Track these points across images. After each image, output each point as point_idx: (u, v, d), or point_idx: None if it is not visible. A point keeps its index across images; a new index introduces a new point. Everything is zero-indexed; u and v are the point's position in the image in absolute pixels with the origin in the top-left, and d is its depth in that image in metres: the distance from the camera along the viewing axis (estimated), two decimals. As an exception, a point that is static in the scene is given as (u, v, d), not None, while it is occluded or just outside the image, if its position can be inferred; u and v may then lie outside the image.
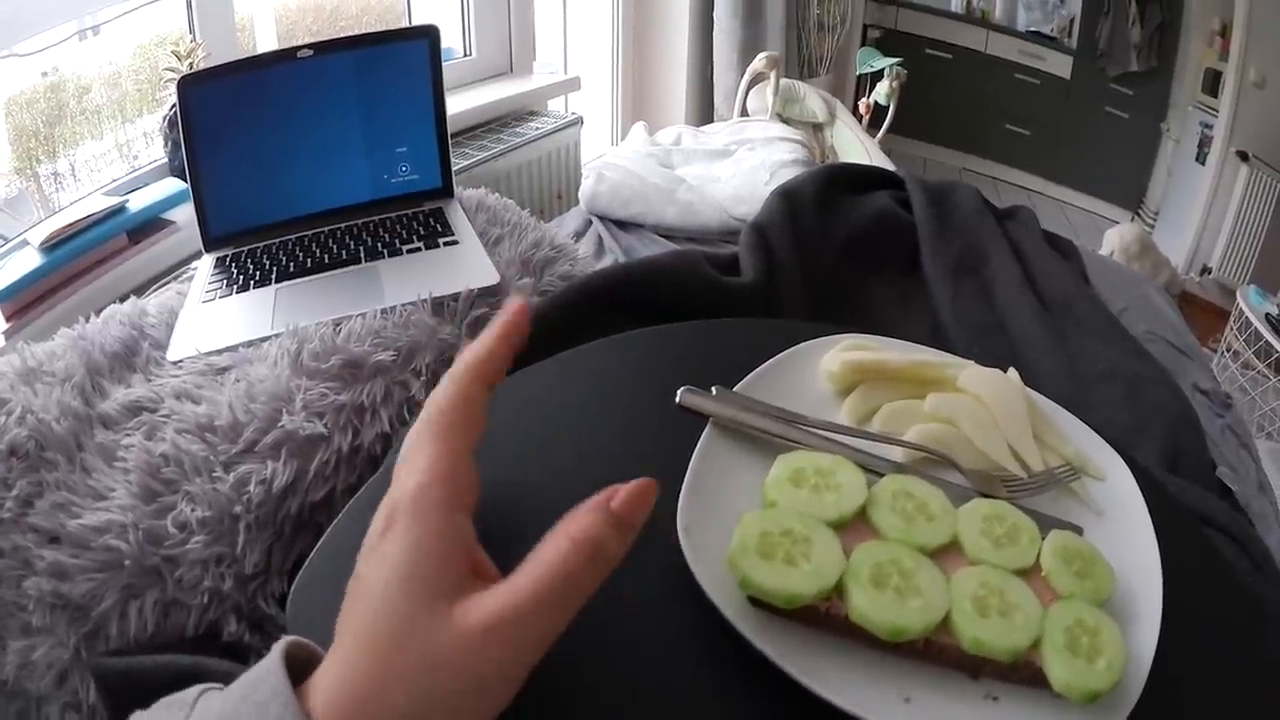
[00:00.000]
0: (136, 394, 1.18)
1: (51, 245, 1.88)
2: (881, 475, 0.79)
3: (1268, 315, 3.68)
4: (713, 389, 0.87)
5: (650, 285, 1.33)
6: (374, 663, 0.50)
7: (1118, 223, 4.74)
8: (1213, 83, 4.60)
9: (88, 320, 1.32)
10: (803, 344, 0.98)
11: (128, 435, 1.12)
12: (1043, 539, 0.74)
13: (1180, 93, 4.89)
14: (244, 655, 1.00)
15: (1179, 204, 4.90)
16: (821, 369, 0.96)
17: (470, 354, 0.62)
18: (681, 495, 0.74)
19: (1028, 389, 0.97)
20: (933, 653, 0.67)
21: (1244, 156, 4.45)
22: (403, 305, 1.30)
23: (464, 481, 0.57)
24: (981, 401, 0.93)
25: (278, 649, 0.52)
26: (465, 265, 1.45)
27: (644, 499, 0.57)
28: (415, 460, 0.57)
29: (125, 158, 2.36)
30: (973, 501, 0.77)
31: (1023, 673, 0.66)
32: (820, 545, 0.68)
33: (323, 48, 1.62)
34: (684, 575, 0.68)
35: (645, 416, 0.92)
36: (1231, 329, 3.85)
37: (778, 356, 0.95)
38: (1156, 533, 0.80)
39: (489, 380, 0.62)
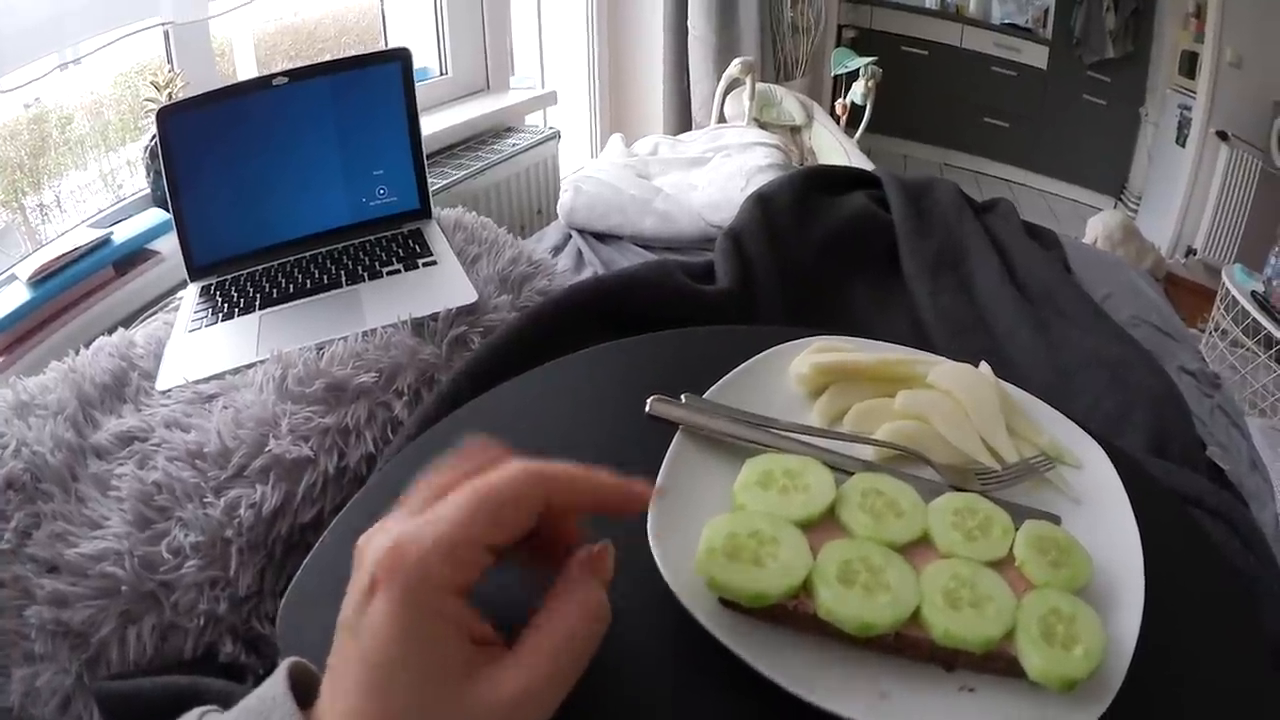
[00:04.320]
0: (127, 424, 1.20)
1: (39, 279, 1.90)
2: (853, 475, 0.79)
3: (1254, 293, 3.69)
4: (682, 396, 0.88)
5: (625, 297, 1.33)
6: None
7: (1100, 210, 4.74)
8: (1189, 65, 4.60)
9: (77, 353, 1.34)
10: (773, 348, 0.99)
11: (120, 464, 1.13)
12: (1017, 530, 0.74)
13: (1157, 76, 4.89)
14: (241, 676, 1.02)
15: (1161, 187, 4.91)
16: (792, 372, 0.97)
17: (569, 473, 0.58)
18: (651, 502, 0.74)
19: (1001, 381, 0.97)
20: (906, 647, 0.67)
21: (1224, 136, 4.46)
22: (383, 327, 1.32)
23: (472, 571, 0.53)
24: (952, 396, 0.93)
25: (282, 678, 0.52)
26: (444, 285, 1.47)
27: (610, 557, 0.60)
28: (428, 525, 0.52)
29: (110, 187, 2.37)
30: (944, 495, 0.78)
31: (998, 663, 0.66)
32: (787, 545, 0.68)
33: (297, 74, 1.64)
34: (657, 581, 0.69)
35: (618, 428, 0.93)
36: (1219, 308, 3.86)
37: (748, 362, 0.96)
38: (1139, 517, 0.80)
39: (557, 505, 0.58)
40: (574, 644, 0.55)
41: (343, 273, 1.56)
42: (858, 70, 4.24)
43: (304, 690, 0.52)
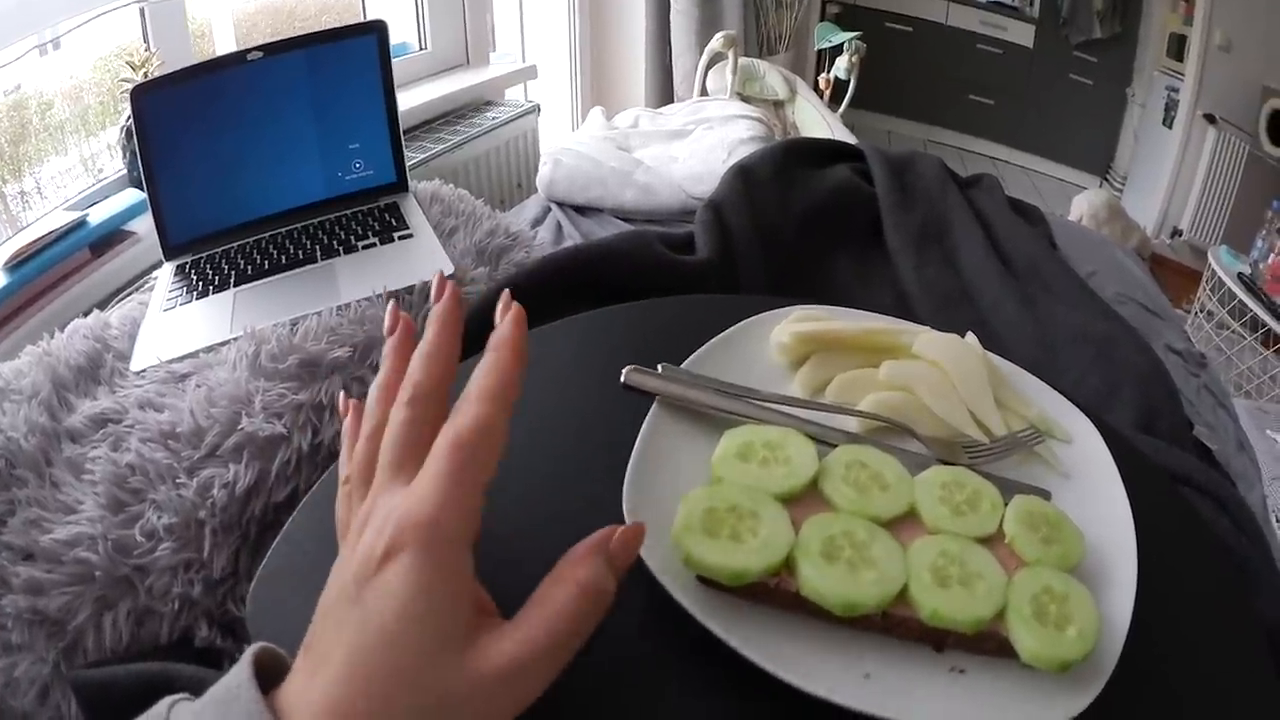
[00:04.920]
0: (102, 406, 1.18)
1: (15, 264, 1.88)
2: (836, 447, 0.77)
3: (1240, 275, 3.69)
4: (659, 366, 0.85)
5: (602, 268, 1.32)
6: (375, 697, 0.49)
7: (1085, 189, 4.75)
8: (1178, 47, 4.61)
9: (52, 336, 1.33)
10: (753, 317, 0.98)
11: (94, 447, 1.12)
12: (1006, 505, 0.72)
13: (1145, 58, 4.89)
14: (217, 660, 1.01)
15: (1147, 168, 4.92)
16: (772, 342, 0.96)
17: (498, 379, 0.58)
18: (627, 476, 0.73)
19: (988, 353, 0.96)
20: (892, 626, 0.66)
21: (1211, 119, 4.46)
22: (358, 301, 1.31)
23: (474, 519, 0.55)
24: (939, 367, 0.92)
25: (246, 664, 0.52)
26: (420, 258, 1.46)
27: (637, 542, 0.60)
28: (426, 484, 0.54)
29: (90, 171, 2.35)
30: (930, 469, 0.76)
31: (989, 644, 0.65)
32: (768, 520, 0.67)
33: (272, 49, 1.63)
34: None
35: (593, 399, 0.92)
36: (1204, 290, 3.87)
37: (727, 331, 0.95)
38: (1129, 494, 0.79)
39: (509, 410, 0.59)
40: (570, 622, 0.55)
41: (318, 247, 1.54)
42: (841, 45, 4.24)
43: (271, 676, 0.52)
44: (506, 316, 0.61)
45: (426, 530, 0.51)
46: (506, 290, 0.65)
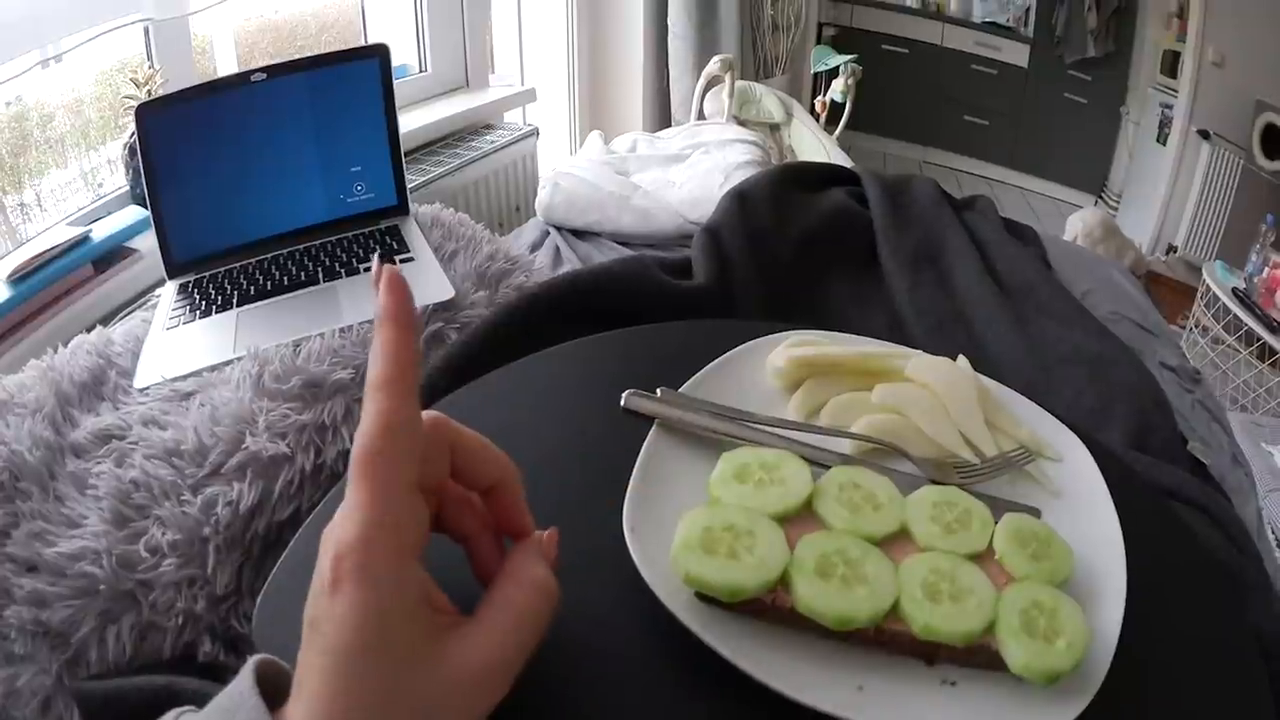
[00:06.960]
0: (105, 422, 1.19)
1: (18, 278, 1.89)
2: (830, 468, 0.79)
3: (1235, 289, 3.69)
4: (658, 391, 0.87)
5: (600, 293, 1.33)
6: (355, 714, 0.49)
7: (1081, 208, 4.75)
8: (1171, 64, 4.61)
9: (56, 351, 1.34)
10: (748, 343, 0.99)
11: (98, 463, 1.13)
12: (997, 523, 0.74)
13: (1139, 75, 4.90)
14: (220, 675, 1.00)
15: (1142, 185, 4.92)
16: (768, 366, 0.97)
17: (388, 364, 0.55)
18: (627, 496, 0.74)
19: (979, 375, 0.97)
20: (885, 640, 0.67)
21: (1205, 135, 4.47)
22: (360, 323, 1.33)
23: (409, 525, 0.53)
24: (930, 389, 0.93)
25: (248, 674, 0.52)
26: (421, 281, 1.46)
27: (556, 540, 0.64)
28: (349, 505, 0.51)
29: (90, 185, 2.35)
30: (922, 489, 0.77)
31: (979, 657, 0.66)
32: (764, 538, 0.68)
33: (276, 70, 1.64)
34: (634, 576, 0.69)
35: (593, 423, 0.92)
36: (1199, 305, 3.87)
37: (723, 356, 0.96)
38: (1120, 511, 0.80)
39: (413, 393, 0.56)
40: (533, 619, 0.57)
41: (320, 269, 1.56)
42: (838, 68, 4.25)
43: (274, 687, 0.52)
44: (382, 285, 0.57)
45: (357, 555, 0.49)
46: (377, 258, 0.62)
